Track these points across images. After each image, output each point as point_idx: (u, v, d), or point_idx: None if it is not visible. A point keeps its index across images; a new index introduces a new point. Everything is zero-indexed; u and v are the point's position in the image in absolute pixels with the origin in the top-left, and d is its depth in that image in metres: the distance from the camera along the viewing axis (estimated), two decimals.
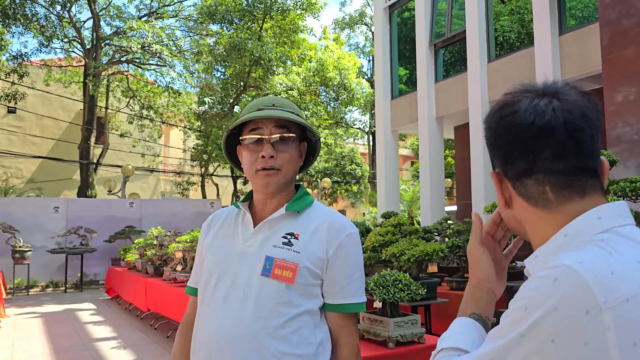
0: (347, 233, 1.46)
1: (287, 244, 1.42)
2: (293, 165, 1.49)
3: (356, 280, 1.46)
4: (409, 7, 13.42)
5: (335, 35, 22.68)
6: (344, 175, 23.99)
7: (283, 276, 1.38)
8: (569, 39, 9.18)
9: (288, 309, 1.37)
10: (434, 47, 11.97)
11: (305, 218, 1.48)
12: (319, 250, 1.42)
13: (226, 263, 1.46)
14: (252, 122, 1.48)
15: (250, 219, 1.51)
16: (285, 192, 1.51)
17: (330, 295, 1.44)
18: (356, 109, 22.17)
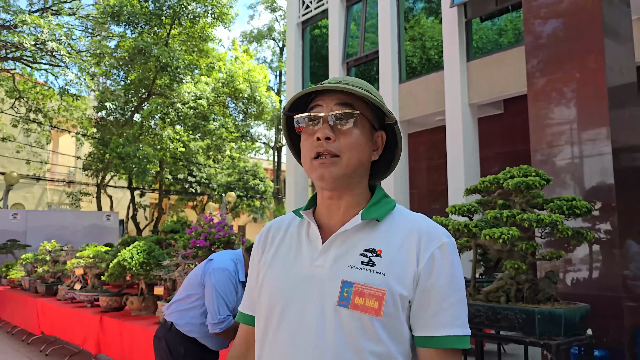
0: (440, 243, 1.12)
1: (367, 263, 1.10)
2: (359, 153, 1.15)
3: (454, 306, 1.10)
4: (319, 25, 13.53)
5: (245, 48, 22.40)
6: (246, 190, 23.60)
7: (366, 306, 1.06)
8: (476, 65, 9.65)
9: (375, 349, 1.06)
10: (347, 65, 12.13)
11: (387, 228, 1.15)
12: (409, 269, 1.10)
13: (290, 290, 1.14)
14: (314, 100, 1.19)
15: (316, 230, 1.18)
16: (355, 191, 1.18)
17: (421, 325, 1.10)
18: (261, 123, 21.98)
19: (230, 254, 3.16)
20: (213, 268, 3.00)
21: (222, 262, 3.04)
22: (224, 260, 3.06)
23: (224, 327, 2.87)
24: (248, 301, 1.31)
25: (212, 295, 2.91)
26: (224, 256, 3.11)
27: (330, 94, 1.16)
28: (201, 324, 3.01)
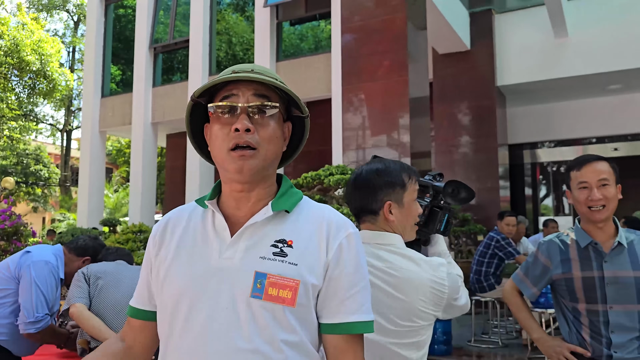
0: (347, 233, 1.14)
1: (279, 254, 1.10)
2: (275, 146, 1.14)
3: (360, 292, 1.13)
4: (125, 5, 12.73)
5: (34, 15, 19.81)
6: (26, 176, 21.02)
7: (280, 297, 1.06)
8: (284, 66, 10.04)
9: (288, 338, 1.06)
10: (154, 51, 11.62)
11: (295, 219, 1.15)
12: (319, 258, 1.11)
13: (198, 283, 1.09)
14: (224, 89, 1.13)
15: (223, 221, 1.14)
16: (266, 183, 1.17)
17: (328, 312, 1.12)
18: (47, 103, 19.76)
19: (50, 248, 2.87)
20: (32, 261, 2.67)
21: (43, 255, 2.73)
22: (45, 254, 2.76)
23: (41, 326, 2.58)
24: (141, 295, 1.25)
25: (30, 290, 2.60)
26: (43, 249, 2.81)
27: (246, 84, 1.12)
28: (10, 323, 2.66)
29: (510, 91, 8.98)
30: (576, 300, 2.03)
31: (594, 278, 2.00)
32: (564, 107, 9.63)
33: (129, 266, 3.02)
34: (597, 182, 1.99)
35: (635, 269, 1.98)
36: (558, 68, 8.31)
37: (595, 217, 2.00)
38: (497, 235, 5.74)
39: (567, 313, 2.10)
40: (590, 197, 1.98)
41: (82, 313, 2.64)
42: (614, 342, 1.95)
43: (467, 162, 8.59)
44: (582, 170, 2.02)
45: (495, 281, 5.70)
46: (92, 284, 2.75)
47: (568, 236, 2.12)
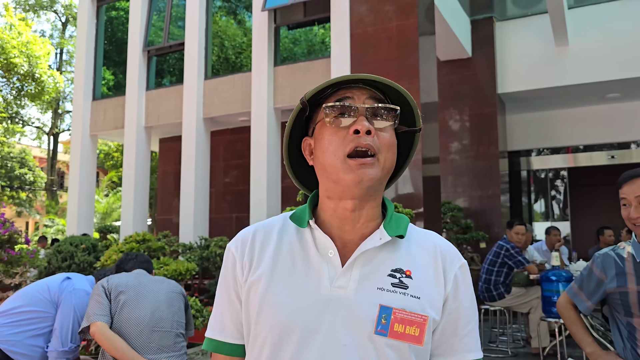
0: (460, 264, 1.05)
1: (399, 285, 0.98)
2: (392, 155, 1.02)
3: (475, 328, 1.05)
4: (117, 7, 12.54)
5: (21, 16, 19.37)
6: (10, 180, 20.59)
7: (407, 334, 0.94)
8: (282, 71, 9.95)
9: None
10: (148, 54, 11.45)
11: (407, 246, 1.04)
12: (438, 291, 1.01)
13: (310, 315, 0.96)
14: (336, 93, 1.03)
15: (331, 244, 1.01)
16: (376, 201, 1.04)
17: (446, 350, 1.02)
18: (33, 105, 19.37)
19: (85, 278, 2.75)
20: (75, 288, 2.54)
21: (83, 284, 2.61)
22: (84, 283, 2.64)
23: (72, 357, 2.46)
24: (232, 326, 1.07)
25: (69, 318, 2.46)
26: (82, 279, 2.69)
27: (360, 88, 1.03)
28: (39, 348, 2.51)
29: (510, 99, 8.99)
30: (631, 315, 2.00)
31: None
32: (562, 114, 9.67)
33: (150, 277, 2.84)
34: (635, 200, 2.00)
35: None
36: (558, 76, 8.34)
37: (638, 232, 2.02)
38: (507, 244, 5.70)
39: (622, 328, 2.06)
40: (631, 214, 2.01)
41: (103, 333, 2.48)
42: None
43: (468, 169, 8.56)
44: (623, 188, 2.05)
45: (505, 290, 5.65)
46: (113, 300, 2.58)
47: (624, 249, 2.09)
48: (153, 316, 2.52)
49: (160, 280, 2.72)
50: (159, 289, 2.69)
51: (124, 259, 2.95)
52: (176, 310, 2.61)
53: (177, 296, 2.68)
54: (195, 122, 10.32)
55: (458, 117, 8.72)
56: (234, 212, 11.34)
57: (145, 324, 2.54)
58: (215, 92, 10.49)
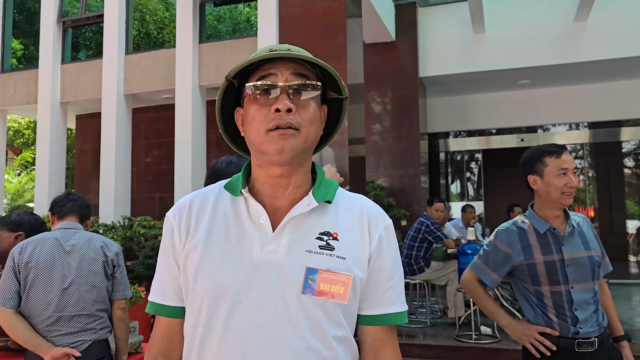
0: (385, 224, 1.13)
1: (325, 247, 1.05)
2: (315, 129, 1.08)
3: (397, 283, 1.14)
4: None
5: None
6: None
7: (332, 292, 1.02)
8: (207, 48, 9.78)
9: (337, 333, 1.04)
10: (63, 25, 10.85)
11: (336, 210, 1.11)
12: (363, 251, 1.09)
13: (242, 279, 1.03)
14: (260, 68, 1.07)
15: (263, 211, 1.07)
16: (304, 169, 1.10)
17: (369, 304, 1.11)
18: None
19: None
20: None
21: None
22: None
23: None
24: (171, 290, 1.14)
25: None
26: None
27: (283, 62, 1.06)
28: None
29: (430, 82, 9.36)
30: (539, 284, 2.12)
31: (554, 261, 2.10)
32: (478, 99, 10.18)
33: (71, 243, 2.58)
34: (573, 170, 2.12)
35: (586, 249, 2.13)
36: (474, 62, 8.77)
37: (566, 201, 2.12)
38: (427, 221, 6.01)
39: (531, 297, 2.17)
40: (569, 183, 2.10)
41: (5, 321, 2.39)
42: (580, 319, 2.07)
43: (391, 149, 8.86)
44: (562, 158, 2.13)
45: (425, 264, 5.97)
46: (22, 279, 2.45)
47: (524, 223, 2.20)
48: (62, 300, 2.43)
49: (80, 247, 2.54)
50: (73, 262, 2.53)
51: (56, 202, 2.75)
52: (89, 288, 2.50)
53: (95, 264, 2.56)
54: (116, 99, 9.95)
55: (382, 100, 8.98)
56: (157, 191, 11.09)
57: (54, 309, 2.43)
58: (137, 68, 10.14)
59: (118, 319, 2.65)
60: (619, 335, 2.21)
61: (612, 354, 2.15)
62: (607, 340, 2.14)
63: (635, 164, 10.18)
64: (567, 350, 2.06)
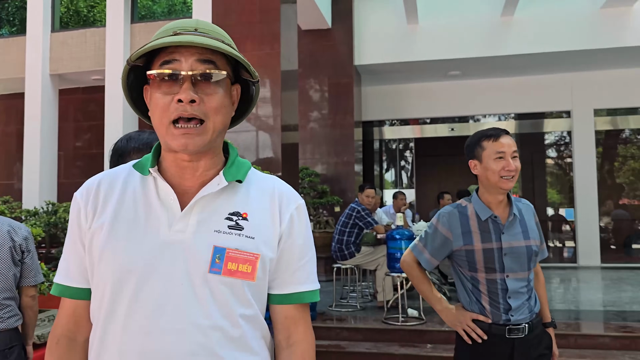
0: (297, 205, 1.15)
1: (235, 227, 1.06)
2: (223, 116, 1.06)
3: (309, 263, 1.16)
4: None
5: None
6: None
7: (239, 271, 1.03)
8: (139, 29, 9.47)
9: (246, 312, 1.06)
10: None
11: (247, 190, 1.12)
12: (273, 231, 1.10)
13: (147, 259, 1.02)
14: (165, 51, 1.03)
15: (171, 192, 1.07)
16: (214, 152, 1.10)
17: (280, 283, 1.13)
18: None
19: None
20: None
21: None
22: None
23: None
24: (76, 271, 1.11)
25: None
26: None
27: (188, 47, 1.02)
28: None
29: (365, 71, 9.48)
30: (475, 270, 2.10)
31: (493, 250, 2.07)
32: (411, 88, 10.42)
33: None
34: (511, 154, 2.08)
35: (525, 239, 2.10)
36: (408, 52, 8.96)
37: (505, 186, 2.06)
38: (358, 207, 6.12)
39: (466, 282, 2.15)
40: (507, 167, 2.05)
41: None
42: (513, 307, 2.07)
43: (326, 136, 8.93)
44: (499, 141, 2.09)
45: (355, 249, 6.09)
46: None
47: (467, 208, 2.17)
48: None
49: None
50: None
51: None
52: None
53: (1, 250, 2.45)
54: (41, 79, 9.48)
55: (317, 87, 9.02)
56: (87, 177, 10.62)
57: None
58: (64, 47, 9.68)
59: (27, 307, 2.54)
60: (546, 322, 2.24)
61: (542, 337, 2.16)
62: (538, 325, 2.15)
63: (557, 155, 10.76)
64: (497, 336, 2.07)
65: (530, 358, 2.09)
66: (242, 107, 1.21)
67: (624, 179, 10.69)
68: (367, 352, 4.82)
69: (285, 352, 1.14)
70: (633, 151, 10.71)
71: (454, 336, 2.22)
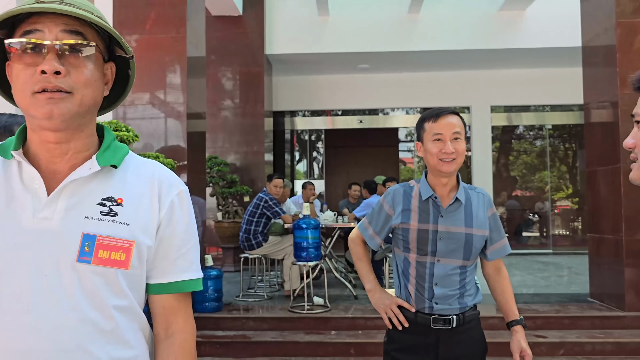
0: (178, 191, 1.11)
1: (108, 213, 1.00)
2: (93, 91, 0.99)
3: (190, 251, 1.11)
4: None
5: None
6: None
7: (111, 260, 0.97)
8: None
9: (119, 303, 1.00)
10: None
11: (123, 175, 1.06)
12: (152, 217, 1.05)
13: (8, 249, 0.94)
14: (27, 21, 0.95)
15: (36, 175, 0.99)
16: (85, 133, 1.02)
17: (158, 272, 1.08)
18: None
19: None
20: None
21: None
22: None
23: None
24: None
25: None
26: None
27: (53, 17, 0.95)
28: None
29: (277, 60, 9.45)
30: (408, 251, 2.04)
31: (428, 231, 2.00)
32: (322, 80, 10.53)
33: None
34: (451, 135, 1.98)
35: (467, 226, 2.01)
36: (319, 43, 9.03)
37: (444, 168, 1.97)
38: (266, 196, 6.11)
39: (399, 264, 2.11)
40: (444, 149, 1.96)
41: None
42: (437, 294, 1.99)
43: (236, 126, 8.83)
44: (438, 122, 2.00)
45: (263, 239, 6.08)
46: None
47: (413, 187, 2.10)
48: None
49: None
50: None
51: None
52: None
53: None
54: None
55: (227, 75, 8.88)
56: None
57: None
58: None
59: None
60: (512, 320, 2.11)
61: (472, 333, 2.05)
62: (471, 321, 2.04)
63: None
64: (422, 326, 2.00)
65: (459, 355, 2.00)
66: (120, 90, 1.15)
67: (517, 172, 11.48)
68: (273, 340, 4.84)
69: (163, 344, 1.10)
70: (526, 146, 11.51)
71: (358, 323, 2.19)
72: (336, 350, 4.73)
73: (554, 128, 11.25)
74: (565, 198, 11.24)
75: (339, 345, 4.76)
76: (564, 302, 5.71)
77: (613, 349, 4.68)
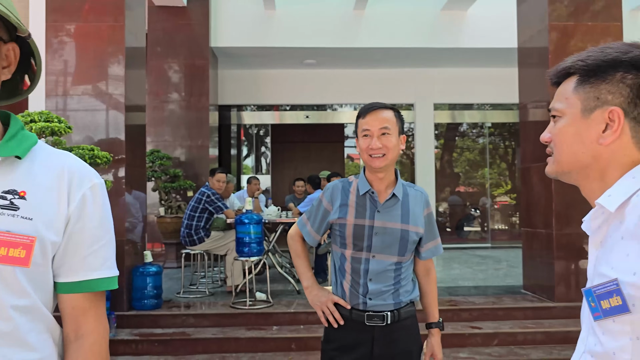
0: (91, 184, 1.04)
1: (8, 207, 0.94)
2: None
3: (104, 247, 1.05)
4: None
5: None
6: None
7: (10, 257, 0.91)
8: None
9: (19, 303, 0.93)
10: None
11: (29, 166, 1.00)
12: (59, 212, 0.99)
13: None
14: None
15: None
16: None
17: (67, 270, 1.01)
18: None
19: None
20: None
21: None
22: None
23: None
24: None
25: None
26: None
27: None
28: None
29: (222, 53, 9.33)
30: (345, 246, 2.05)
31: (364, 226, 2.01)
32: (269, 74, 10.46)
33: None
34: (378, 131, 1.97)
35: (403, 222, 2.02)
36: (266, 37, 8.97)
37: (374, 164, 1.98)
38: (208, 191, 6.03)
39: (336, 261, 2.11)
40: (371, 145, 1.97)
41: None
42: (370, 290, 1.99)
43: (179, 119, 8.66)
44: (366, 118, 2.01)
45: (205, 234, 6.00)
46: None
47: (352, 183, 2.11)
48: None
49: None
50: None
51: None
52: None
53: None
54: None
55: (172, 67, 8.69)
56: None
57: None
58: None
59: None
60: (431, 322, 2.15)
61: (408, 331, 2.05)
62: (406, 317, 2.05)
63: None
64: (357, 323, 2.00)
65: (395, 352, 2.00)
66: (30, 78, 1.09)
67: (460, 169, 11.78)
68: (213, 337, 4.79)
69: (73, 346, 1.03)
70: (468, 144, 11.83)
71: (299, 318, 2.18)
72: (277, 346, 4.73)
73: (494, 126, 11.61)
74: (504, 194, 11.63)
75: (280, 341, 4.76)
76: (499, 294, 5.92)
77: (543, 338, 4.88)
